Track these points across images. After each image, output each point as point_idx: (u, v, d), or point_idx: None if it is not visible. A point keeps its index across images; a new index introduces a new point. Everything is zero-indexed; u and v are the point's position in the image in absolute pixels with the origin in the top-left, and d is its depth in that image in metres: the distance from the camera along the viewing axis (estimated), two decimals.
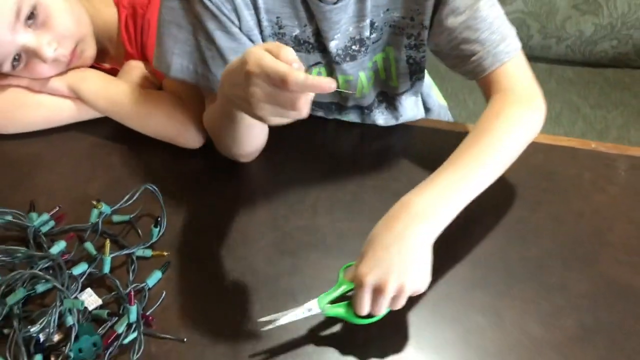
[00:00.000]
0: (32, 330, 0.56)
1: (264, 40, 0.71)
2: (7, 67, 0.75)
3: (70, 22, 0.76)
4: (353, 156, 0.81)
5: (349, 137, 0.83)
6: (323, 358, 0.59)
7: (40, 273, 0.58)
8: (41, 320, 0.56)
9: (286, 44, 0.61)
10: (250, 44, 0.69)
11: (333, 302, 0.59)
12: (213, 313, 0.63)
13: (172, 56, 0.69)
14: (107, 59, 0.86)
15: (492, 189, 0.65)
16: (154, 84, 0.82)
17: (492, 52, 0.68)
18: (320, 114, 0.84)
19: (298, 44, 0.72)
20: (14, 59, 0.75)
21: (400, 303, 0.57)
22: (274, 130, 0.66)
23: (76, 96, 0.79)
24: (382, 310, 0.58)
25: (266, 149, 0.77)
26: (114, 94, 0.79)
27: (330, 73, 0.75)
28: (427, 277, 0.58)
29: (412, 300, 0.61)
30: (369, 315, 0.58)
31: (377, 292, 0.56)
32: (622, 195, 0.76)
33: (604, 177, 0.78)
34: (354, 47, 0.73)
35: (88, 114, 0.81)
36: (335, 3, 0.67)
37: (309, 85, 0.46)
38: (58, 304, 0.57)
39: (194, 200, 0.74)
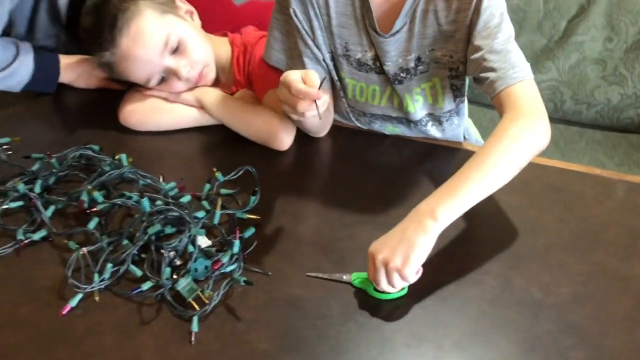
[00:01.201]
0: (166, 247, 0.78)
1: (335, 57, 0.97)
2: (153, 83, 1.03)
3: (200, 52, 1.04)
4: (403, 168, 1.03)
5: (402, 151, 1.05)
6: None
7: (175, 208, 0.82)
8: (173, 244, 0.79)
9: (351, 64, 0.94)
10: (317, 53, 0.96)
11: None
12: (287, 259, 0.84)
13: (272, 51, 0.99)
14: (219, 84, 1.12)
15: (511, 195, 0.87)
16: (257, 101, 1.08)
17: (501, 77, 0.85)
18: (377, 125, 1.07)
19: (359, 65, 0.97)
20: (159, 77, 1.03)
21: (407, 279, 0.73)
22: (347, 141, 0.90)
23: (200, 106, 1.06)
24: (396, 284, 0.74)
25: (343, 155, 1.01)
26: (228, 105, 1.05)
27: (384, 91, 0.99)
28: (416, 264, 0.73)
29: (441, 266, 0.81)
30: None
31: (385, 267, 0.73)
32: (617, 208, 0.94)
33: (604, 194, 0.97)
34: (401, 74, 0.97)
35: (205, 120, 1.07)
36: (388, 37, 0.92)
37: (302, 92, 0.77)
38: (187, 232, 0.80)
39: (279, 181, 0.98)
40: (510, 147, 0.80)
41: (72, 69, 1.15)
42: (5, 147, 1.00)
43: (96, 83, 1.16)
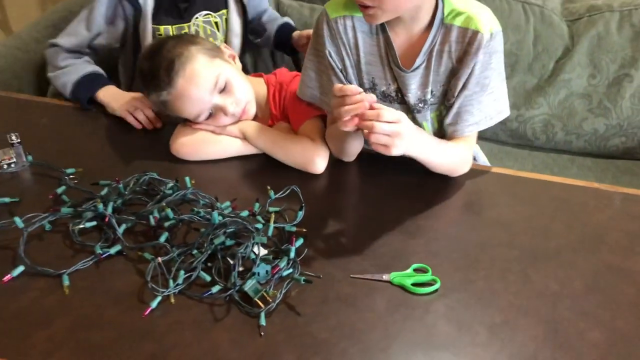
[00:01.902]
0: (237, 252, 0.90)
1: (363, 90, 1.11)
2: (202, 118, 1.17)
3: (244, 91, 1.18)
4: (422, 185, 1.16)
5: (420, 171, 1.18)
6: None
7: (240, 220, 0.94)
8: (241, 249, 0.90)
9: (377, 95, 1.09)
10: None
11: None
12: (334, 264, 0.95)
13: (306, 88, 1.14)
14: (257, 118, 1.25)
15: (524, 206, 1.06)
16: (292, 132, 1.21)
17: (468, 125, 1.11)
18: None
19: (384, 97, 1.12)
20: (207, 113, 1.16)
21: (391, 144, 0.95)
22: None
23: (243, 137, 1.19)
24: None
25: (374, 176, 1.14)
26: (269, 136, 1.18)
27: None
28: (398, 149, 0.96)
29: (469, 267, 0.94)
30: (425, 287, 0.90)
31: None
32: (616, 215, 1.08)
33: (603, 204, 1.11)
34: (419, 104, 1.12)
35: (248, 150, 1.20)
36: (409, 72, 1.07)
37: (344, 90, 0.93)
38: (251, 239, 0.91)
39: (317, 199, 1.10)
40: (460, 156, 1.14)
41: (110, 94, 1.33)
42: (71, 177, 1.11)
43: (121, 113, 1.30)
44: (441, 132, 1.17)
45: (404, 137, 0.94)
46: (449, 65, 1.07)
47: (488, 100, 1.09)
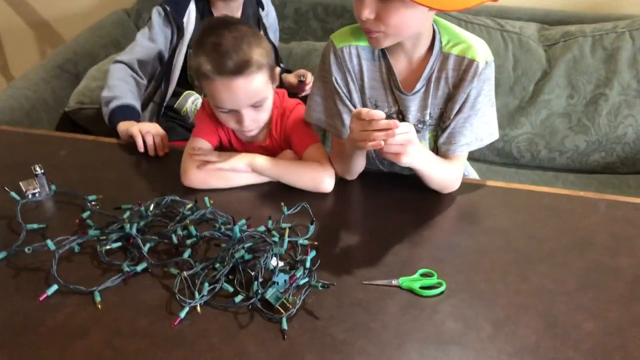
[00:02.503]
0: (258, 263, 0.97)
1: None
2: (223, 110, 1.21)
3: (266, 117, 1.26)
4: (420, 199, 1.25)
5: (418, 186, 1.27)
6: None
7: (258, 233, 1.01)
8: (262, 260, 0.97)
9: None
10: (353, 109, 1.18)
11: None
12: (346, 272, 1.02)
13: (313, 112, 1.24)
14: (254, 137, 1.32)
15: (517, 214, 1.15)
16: (296, 158, 1.29)
17: (460, 145, 1.20)
18: (397, 167, 1.28)
19: (386, 118, 1.20)
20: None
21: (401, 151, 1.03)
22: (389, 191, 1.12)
23: (251, 170, 1.24)
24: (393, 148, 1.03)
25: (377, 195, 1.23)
26: (278, 165, 1.25)
27: None
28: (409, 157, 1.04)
29: (471, 271, 1.02)
30: (432, 289, 0.98)
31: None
32: (601, 219, 1.17)
33: (590, 210, 1.20)
34: (419, 125, 1.21)
35: (256, 180, 1.26)
36: (410, 95, 1.16)
37: (366, 115, 1.00)
38: (270, 251, 0.98)
39: (325, 215, 1.17)
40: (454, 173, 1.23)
41: (129, 122, 1.44)
42: (93, 203, 1.18)
43: (133, 131, 1.39)
44: (436, 151, 1.26)
45: (414, 144, 1.04)
46: (446, 90, 1.17)
47: (479, 123, 1.18)
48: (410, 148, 1.03)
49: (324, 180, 1.22)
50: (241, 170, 1.25)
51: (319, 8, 2.15)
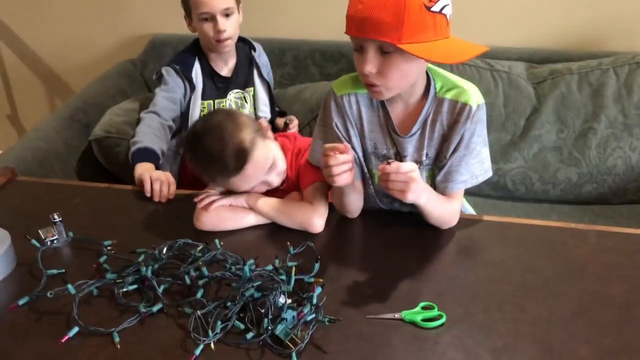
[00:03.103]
0: (267, 300, 1.02)
1: (366, 154, 1.29)
2: (252, 187, 1.33)
3: (283, 163, 1.36)
4: (419, 234, 1.31)
5: (417, 223, 1.33)
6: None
7: (266, 272, 1.07)
8: (272, 297, 1.03)
9: (378, 158, 1.26)
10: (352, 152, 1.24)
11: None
12: (350, 308, 1.08)
13: (315, 153, 1.30)
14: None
15: (511, 247, 1.21)
16: (297, 200, 1.36)
17: (458, 182, 1.26)
18: (397, 204, 1.35)
19: (385, 159, 1.28)
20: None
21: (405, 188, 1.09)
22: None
23: (249, 207, 1.32)
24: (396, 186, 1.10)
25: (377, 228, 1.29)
26: (272, 205, 1.32)
27: None
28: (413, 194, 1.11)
29: (470, 301, 1.07)
30: (433, 321, 1.03)
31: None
32: (592, 249, 1.23)
33: (580, 240, 1.26)
34: (417, 164, 1.27)
35: (259, 221, 1.33)
36: (406, 138, 1.24)
37: (331, 147, 1.12)
38: (279, 289, 1.04)
39: (328, 253, 1.23)
40: (452, 209, 1.30)
41: (145, 167, 1.54)
42: (109, 247, 1.24)
43: (144, 176, 1.48)
44: (434, 189, 1.33)
45: (418, 182, 1.10)
46: (441, 132, 1.25)
47: (474, 162, 1.25)
48: (414, 185, 1.09)
49: (311, 221, 1.29)
50: (240, 205, 1.33)
51: (317, 54, 2.25)
